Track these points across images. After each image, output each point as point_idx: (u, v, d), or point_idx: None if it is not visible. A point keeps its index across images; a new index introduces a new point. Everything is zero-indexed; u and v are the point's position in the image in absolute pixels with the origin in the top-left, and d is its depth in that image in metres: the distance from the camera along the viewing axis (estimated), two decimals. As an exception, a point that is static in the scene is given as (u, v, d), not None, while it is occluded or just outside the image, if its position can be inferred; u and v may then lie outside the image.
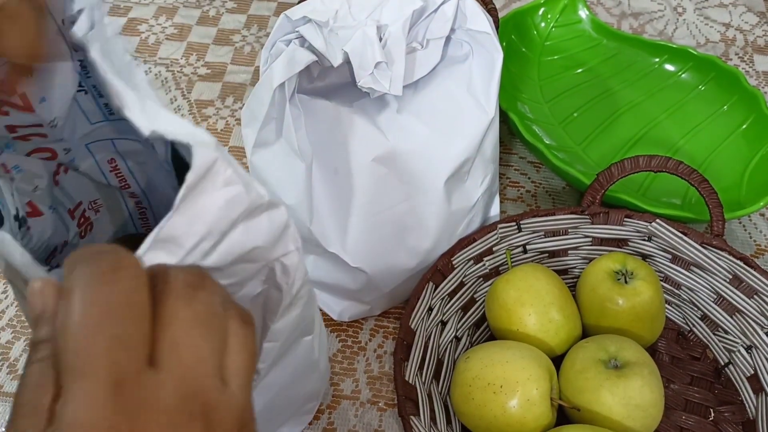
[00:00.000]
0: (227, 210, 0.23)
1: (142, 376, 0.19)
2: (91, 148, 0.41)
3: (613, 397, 0.42)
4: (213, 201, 0.23)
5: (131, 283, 0.19)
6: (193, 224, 0.22)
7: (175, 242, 0.22)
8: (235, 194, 0.23)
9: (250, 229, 0.25)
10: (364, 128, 0.47)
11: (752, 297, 0.49)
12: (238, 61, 0.77)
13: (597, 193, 0.52)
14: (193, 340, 0.20)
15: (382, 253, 0.49)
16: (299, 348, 0.36)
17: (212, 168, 0.22)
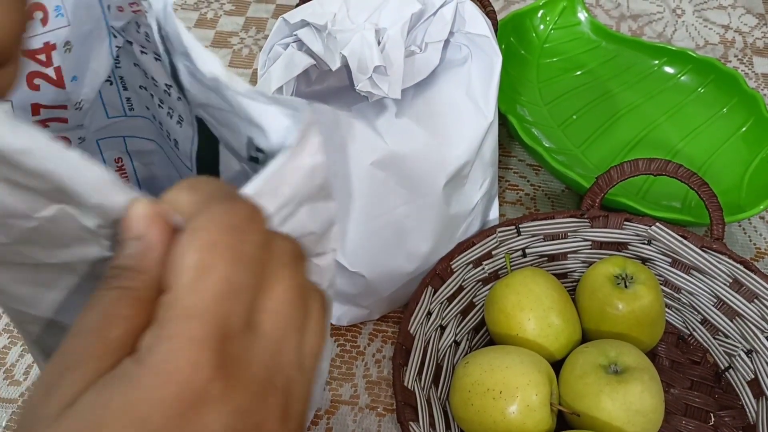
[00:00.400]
0: (309, 179, 0.23)
1: (245, 336, 0.18)
2: (100, 145, 0.40)
3: (613, 403, 0.42)
4: (303, 165, 0.22)
5: (260, 238, 0.19)
6: (283, 185, 0.22)
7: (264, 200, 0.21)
8: (319, 164, 0.23)
9: (313, 212, 0.24)
10: (362, 132, 0.47)
11: (752, 301, 0.49)
12: (236, 64, 0.76)
13: (596, 197, 0.52)
14: (290, 311, 0.20)
15: (380, 257, 0.49)
16: None
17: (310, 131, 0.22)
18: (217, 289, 0.18)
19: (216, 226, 0.18)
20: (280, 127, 0.23)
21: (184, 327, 0.17)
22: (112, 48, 0.34)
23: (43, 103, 0.34)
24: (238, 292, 0.18)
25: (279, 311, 0.20)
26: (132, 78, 0.35)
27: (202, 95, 0.26)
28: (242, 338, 0.18)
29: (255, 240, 0.19)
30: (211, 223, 0.18)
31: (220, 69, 0.24)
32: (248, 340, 0.19)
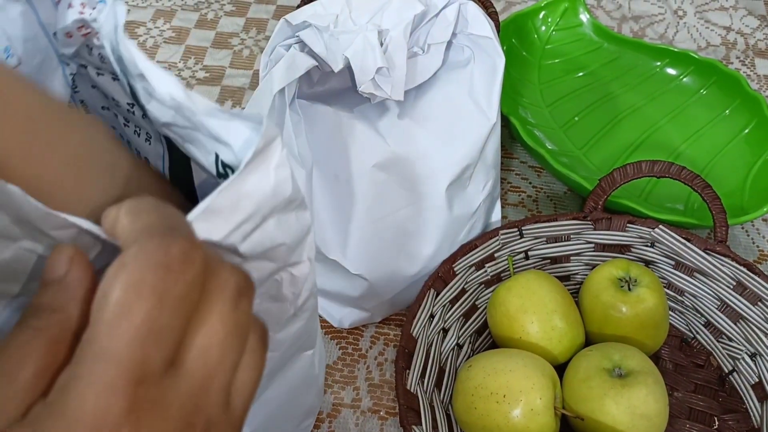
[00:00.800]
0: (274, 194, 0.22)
1: (165, 376, 0.18)
2: None
3: (617, 407, 0.42)
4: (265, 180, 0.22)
5: (193, 279, 0.18)
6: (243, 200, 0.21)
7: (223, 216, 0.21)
8: (284, 179, 0.23)
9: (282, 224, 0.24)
10: (364, 134, 0.46)
11: (756, 304, 0.48)
12: (236, 65, 0.76)
13: (599, 199, 0.52)
14: (220, 349, 0.19)
15: (383, 259, 0.49)
16: (299, 362, 0.36)
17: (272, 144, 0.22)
18: (136, 332, 0.17)
19: (145, 263, 0.18)
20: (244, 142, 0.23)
21: (97, 369, 0.17)
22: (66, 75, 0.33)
23: None
24: (160, 334, 0.18)
25: (207, 349, 0.19)
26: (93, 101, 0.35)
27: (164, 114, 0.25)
28: (161, 379, 0.18)
29: (186, 279, 0.18)
30: (140, 260, 0.18)
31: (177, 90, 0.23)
32: (168, 381, 0.18)
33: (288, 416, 0.40)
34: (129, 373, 0.17)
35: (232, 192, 0.21)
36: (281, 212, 0.24)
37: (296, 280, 0.28)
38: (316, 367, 0.38)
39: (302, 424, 0.44)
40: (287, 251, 0.26)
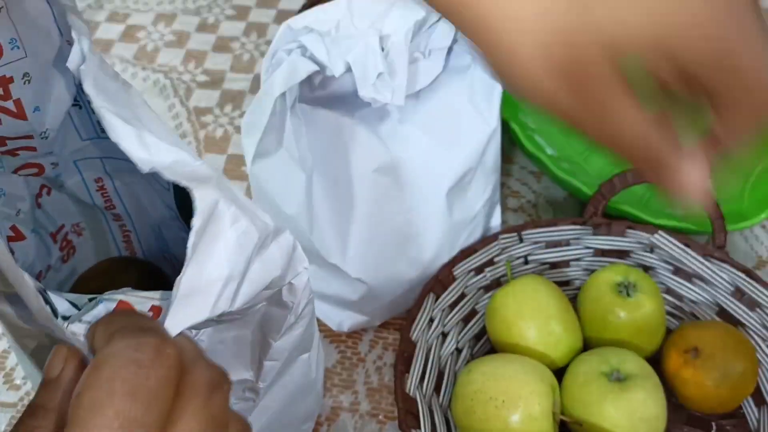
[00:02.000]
0: (240, 248, 0.23)
1: None
2: (79, 166, 0.40)
3: (616, 411, 0.42)
4: (225, 243, 0.22)
5: (166, 373, 0.19)
6: (213, 271, 0.22)
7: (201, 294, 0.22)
8: (244, 230, 0.23)
9: (265, 262, 0.24)
10: (365, 138, 0.47)
11: (754, 309, 0.48)
12: (237, 69, 0.76)
13: (599, 204, 0.52)
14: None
15: (382, 263, 0.49)
16: (297, 367, 0.36)
17: (216, 209, 0.22)
18: (110, 426, 0.17)
19: (117, 361, 0.18)
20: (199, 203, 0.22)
21: None
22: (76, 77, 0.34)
23: (7, 136, 0.33)
24: (134, 429, 0.18)
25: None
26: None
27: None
28: None
29: (159, 375, 0.19)
30: (112, 358, 0.18)
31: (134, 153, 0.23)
32: None
33: (287, 421, 0.40)
34: None
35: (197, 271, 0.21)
36: (260, 254, 0.24)
37: (295, 289, 0.28)
38: (314, 371, 0.38)
39: (301, 428, 0.44)
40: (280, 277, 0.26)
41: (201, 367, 0.20)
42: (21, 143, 0.34)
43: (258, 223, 0.24)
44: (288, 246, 0.26)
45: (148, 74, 0.75)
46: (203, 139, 0.69)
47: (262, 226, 0.24)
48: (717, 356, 0.45)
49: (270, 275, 0.25)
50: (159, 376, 0.19)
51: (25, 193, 0.37)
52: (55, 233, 0.41)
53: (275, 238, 0.25)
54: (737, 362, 0.45)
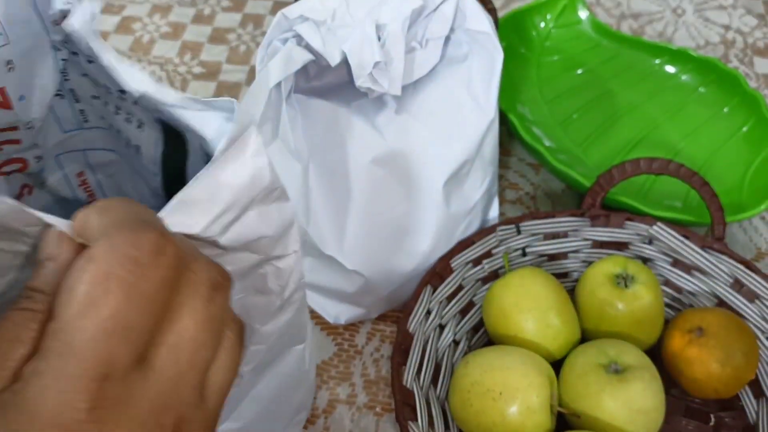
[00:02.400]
0: (252, 183, 0.22)
1: (134, 373, 0.17)
2: (61, 160, 0.39)
3: (614, 402, 0.42)
4: (242, 169, 0.22)
5: (164, 274, 0.18)
6: (221, 190, 0.21)
7: (201, 207, 0.21)
8: (261, 167, 0.22)
9: (263, 215, 0.24)
10: (362, 129, 0.46)
11: (753, 301, 0.48)
12: (233, 61, 0.76)
13: (597, 196, 0.51)
14: (193, 346, 0.19)
15: (379, 255, 0.48)
16: (290, 357, 0.36)
17: (247, 133, 0.21)
18: (103, 327, 0.17)
19: (114, 256, 0.17)
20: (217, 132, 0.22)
21: (61, 363, 0.16)
22: (57, 61, 0.33)
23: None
24: (127, 330, 0.17)
25: (178, 347, 0.18)
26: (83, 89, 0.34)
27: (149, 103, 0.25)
28: (128, 376, 0.17)
29: (157, 275, 0.18)
30: (109, 254, 0.17)
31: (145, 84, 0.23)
32: (136, 378, 0.17)
33: (279, 411, 0.40)
34: (93, 370, 0.16)
35: (208, 182, 0.21)
36: (261, 203, 0.24)
37: (282, 272, 0.27)
38: (307, 362, 0.38)
39: (294, 419, 0.44)
40: (270, 243, 0.25)
41: (201, 266, 0.19)
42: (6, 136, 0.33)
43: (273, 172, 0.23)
44: (287, 216, 0.25)
45: (144, 66, 0.75)
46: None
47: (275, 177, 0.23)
48: (721, 335, 0.45)
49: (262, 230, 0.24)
50: (157, 277, 0.18)
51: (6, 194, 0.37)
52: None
53: (278, 201, 0.25)
54: (740, 342, 0.45)
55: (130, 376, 0.17)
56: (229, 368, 0.20)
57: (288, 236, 0.26)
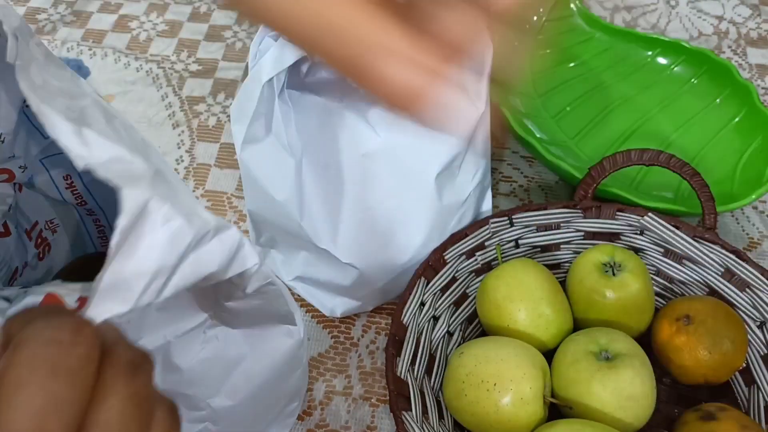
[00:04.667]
0: (172, 246, 0.23)
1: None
2: (45, 163, 0.39)
3: (604, 389, 0.42)
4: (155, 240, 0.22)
5: (86, 352, 0.19)
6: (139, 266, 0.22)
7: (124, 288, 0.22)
8: (177, 228, 0.23)
9: (201, 257, 0.24)
10: (354, 123, 0.47)
11: (744, 290, 0.49)
12: (229, 58, 0.76)
13: (589, 187, 0.52)
14: (123, 419, 0.20)
15: (373, 248, 0.49)
16: (279, 336, 0.36)
17: (146, 209, 0.22)
18: (33, 403, 0.18)
19: (36, 340, 0.18)
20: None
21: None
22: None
23: None
24: (57, 406, 0.18)
25: (108, 422, 0.20)
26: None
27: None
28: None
29: (79, 352, 0.19)
30: (32, 338, 0.19)
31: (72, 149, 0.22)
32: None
33: (273, 395, 0.40)
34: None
35: (121, 266, 0.21)
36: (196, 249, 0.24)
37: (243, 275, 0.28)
38: (301, 348, 0.38)
39: (288, 408, 0.44)
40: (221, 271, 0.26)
41: (122, 348, 0.21)
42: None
43: (196, 222, 0.24)
44: (232, 243, 0.26)
45: (141, 64, 0.75)
46: (196, 128, 0.69)
47: (201, 224, 0.24)
48: (708, 323, 0.45)
49: (205, 270, 0.25)
50: (79, 354, 0.19)
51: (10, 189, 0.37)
52: (29, 230, 0.41)
53: (217, 235, 0.25)
54: (728, 329, 0.45)
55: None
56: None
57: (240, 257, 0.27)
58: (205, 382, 0.36)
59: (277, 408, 0.43)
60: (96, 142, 0.22)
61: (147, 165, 0.23)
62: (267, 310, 0.33)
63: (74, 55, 0.76)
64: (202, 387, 0.36)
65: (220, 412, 0.37)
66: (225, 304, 0.31)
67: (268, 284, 0.30)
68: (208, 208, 0.62)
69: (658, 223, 0.51)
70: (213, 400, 0.36)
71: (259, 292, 0.30)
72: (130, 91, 0.72)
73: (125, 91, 0.72)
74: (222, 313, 0.34)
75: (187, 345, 0.35)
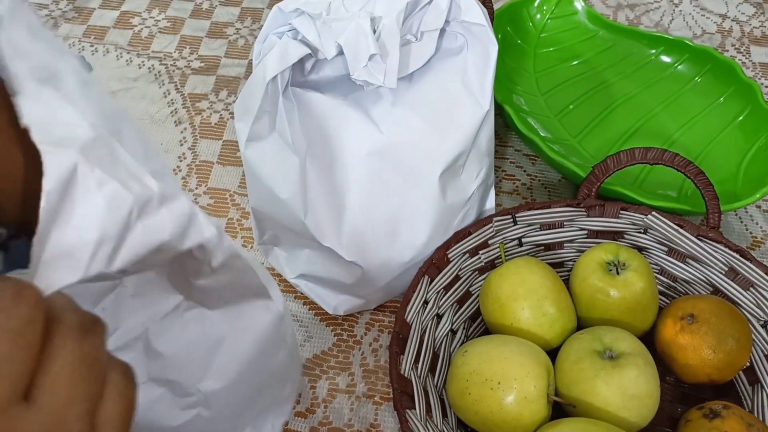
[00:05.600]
0: (111, 211, 0.23)
1: (12, 409, 0.19)
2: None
3: (608, 388, 0.42)
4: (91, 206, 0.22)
5: (28, 313, 0.19)
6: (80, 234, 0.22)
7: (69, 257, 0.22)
8: (113, 193, 0.22)
9: (150, 226, 0.24)
10: (358, 121, 0.47)
11: (748, 289, 0.49)
12: (231, 55, 0.76)
13: (593, 186, 0.52)
14: (72, 380, 0.20)
15: (377, 247, 0.49)
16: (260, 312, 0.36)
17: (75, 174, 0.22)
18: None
19: None
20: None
21: None
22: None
23: None
24: (3, 365, 0.18)
25: (57, 382, 0.20)
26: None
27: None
28: (14, 412, 0.19)
29: (21, 314, 0.19)
30: None
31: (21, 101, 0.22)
32: (18, 412, 0.19)
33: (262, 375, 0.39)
34: None
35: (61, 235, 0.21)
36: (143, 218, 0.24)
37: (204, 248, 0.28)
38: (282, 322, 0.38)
39: (282, 393, 0.44)
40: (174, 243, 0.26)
41: (70, 312, 0.21)
42: None
43: (135, 187, 0.23)
44: (182, 213, 0.25)
45: (143, 61, 0.75)
46: (198, 125, 0.69)
47: (141, 190, 0.24)
48: (712, 321, 0.45)
49: (156, 239, 0.25)
50: (21, 314, 0.19)
51: None
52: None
53: (165, 203, 0.25)
54: (732, 328, 0.45)
55: (12, 410, 0.19)
56: (120, 401, 0.22)
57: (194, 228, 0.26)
58: (190, 366, 0.36)
59: (270, 392, 0.42)
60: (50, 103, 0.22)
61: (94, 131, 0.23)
62: (238, 285, 0.33)
63: (76, 51, 0.76)
64: (188, 371, 0.36)
65: (210, 396, 0.36)
66: (195, 283, 0.31)
67: (234, 257, 0.30)
68: (210, 205, 0.62)
69: (662, 221, 0.51)
70: (201, 384, 0.36)
71: (226, 266, 0.30)
72: (132, 87, 0.72)
73: (127, 87, 0.72)
74: (195, 292, 0.33)
75: (166, 330, 0.35)
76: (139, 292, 0.34)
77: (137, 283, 0.34)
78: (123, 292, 0.35)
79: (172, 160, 0.66)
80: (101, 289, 0.34)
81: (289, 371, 0.44)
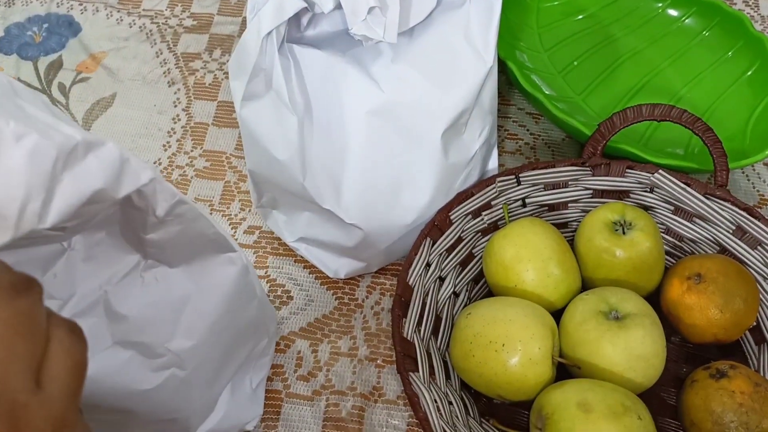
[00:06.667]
0: (34, 164, 0.22)
1: None
2: None
3: (614, 348, 0.42)
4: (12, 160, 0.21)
5: None
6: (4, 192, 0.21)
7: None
8: (34, 145, 0.22)
9: (79, 175, 0.23)
10: (357, 79, 0.45)
11: (756, 248, 0.48)
12: (225, 12, 0.74)
13: (598, 144, 0.51)
14: (9, 336, 0.20)
15: (378, 209, 0.48)
16: (223, 268, 0.35)
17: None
18: None
19: None
20: None
21: None
22: None
23: None
24: None
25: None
26: None
27: None
28: None
29: None
30: None
31: None
32: None
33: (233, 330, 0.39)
34: None
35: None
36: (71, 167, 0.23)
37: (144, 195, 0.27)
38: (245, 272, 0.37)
39: (258, 347, 0.43)
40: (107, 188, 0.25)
41: (1, 273, 0.21)
42: None
43: (56, 137, 0.22)
44: (112, 158, 0.25)
45: (134, 19, 0.73)
46: (192, 85, 0.67)
47: (63, 140, 0.23)
48: (719, 281, 0.45)
49: (89, 187, 0.24)
50: None
51: None
52: None
53: (92, 150, 0.24)
54: (739, 287, 0.45)
55: None
56: (66, 358, 0.22)
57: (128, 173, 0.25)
58: (155, 327, 0.35)
59: (245, 348, 0.42)
60: None
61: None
62: (193, 235, 0.32)
63: (65, 10, 0.73)
64: (154, 332, 0.35)
65: (182, 355, 0.36)
66: (147, 238, 0.30)
67: (178, 203, 0.29)
68: (206, 168, 0.61)
69: (669, 180, 0.50)
70: (170, 343, 0.35)
71: (173, 214, 0.29)
72: (124, 47, 0.70)
73: (118, 47, 0.70)
74: (151, 250, 0.33)
75: (126, 292, 0.34)
76: (92, 254, 0.33)
77: (88, 245, 0.33)
78: (74, 256, 0.34)
79: (165, 122, 0.64)
80: (49, 254, 0.33)
81: (264, 323, 0.43)
